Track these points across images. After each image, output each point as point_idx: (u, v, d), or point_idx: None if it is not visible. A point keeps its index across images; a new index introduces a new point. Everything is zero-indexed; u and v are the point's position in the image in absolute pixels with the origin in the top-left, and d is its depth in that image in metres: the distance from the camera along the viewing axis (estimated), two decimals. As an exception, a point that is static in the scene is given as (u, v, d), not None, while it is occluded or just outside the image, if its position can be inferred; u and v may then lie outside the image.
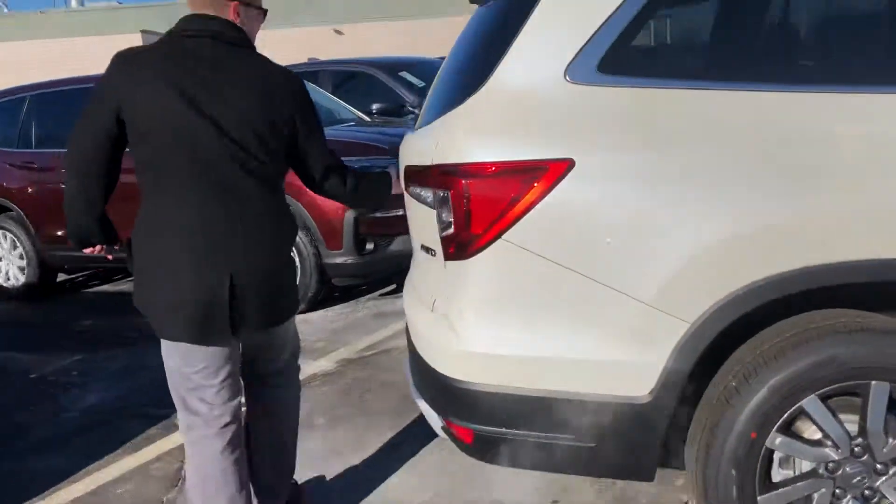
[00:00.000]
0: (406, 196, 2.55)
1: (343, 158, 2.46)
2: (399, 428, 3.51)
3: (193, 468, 2.30)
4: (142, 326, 5.24)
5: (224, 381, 2.26)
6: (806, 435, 2.01)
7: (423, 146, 2.29)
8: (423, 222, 2.34)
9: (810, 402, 1.97)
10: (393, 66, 8.03)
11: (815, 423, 1.99)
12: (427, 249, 2.33)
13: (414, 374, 2.52)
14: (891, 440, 1.98)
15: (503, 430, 2.13)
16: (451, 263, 2.16)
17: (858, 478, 2.00)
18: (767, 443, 1.99)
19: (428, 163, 2.18)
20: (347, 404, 3.83)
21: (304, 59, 9.73)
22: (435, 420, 2.36)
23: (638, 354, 1.99)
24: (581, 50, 2.02)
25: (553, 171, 1.98)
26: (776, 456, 2.05)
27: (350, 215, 5.14)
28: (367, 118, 7.07)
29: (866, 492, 2.01)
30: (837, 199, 1.89)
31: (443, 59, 2.89)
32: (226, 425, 2.27)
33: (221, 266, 2.13)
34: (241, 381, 2.39)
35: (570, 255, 2.00)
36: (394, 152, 5.47)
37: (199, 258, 2.12)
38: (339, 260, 5.26)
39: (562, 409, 2.06)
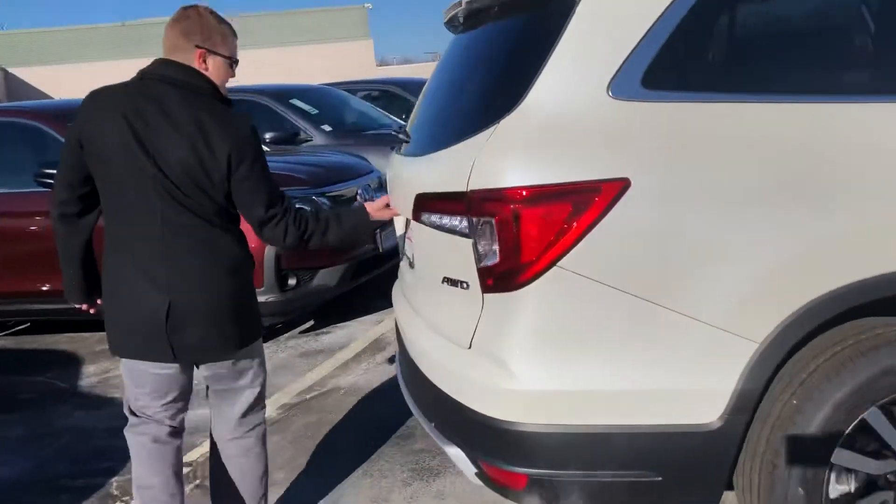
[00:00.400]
0: (415, 226, 2.37)
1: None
2: (372, 471, 3.28)
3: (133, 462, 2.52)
4: (40, 385, 4.68)
5: (168, 405, 2.44)
6: (868, 447, 1.99)
7: (445, 171, 2.12)
8: (447, 253, 2.17)
9: (872, 414, 1.95)
10: (283, 94, 7.74)
11: (877, 434, 1.97)
12: (453, 282, 2.16)
13: (432, 418, 2.33)
14: None
15: (563, 471, 1.98)
16: (493, 296, 2.00)
17: None
18: (833, 459, 1.95)
19: (460, 188, 2.01)
20: (305, 452, 3.54)
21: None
22: (467, 465, 2.18)
23: (707, 379, 1.90)
24: (623, 64, 1.93)
25: (607, 192, 1.87)
26: (833, 472, 2.01)
27: (271, 251, 4.83)
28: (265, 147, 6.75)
29: None
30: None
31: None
32: (164, 434, 2.46)
33: (160, 292, 2.23)
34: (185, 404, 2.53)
35: (630, 281, 1.89)
36: (314, 182, 5.31)
37: (141, 282, 2.25)
38: (260, 298, 4.91)
39: (627, 444, 1.94)
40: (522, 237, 1.90)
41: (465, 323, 2.11)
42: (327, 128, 7.42)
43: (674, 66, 1.95)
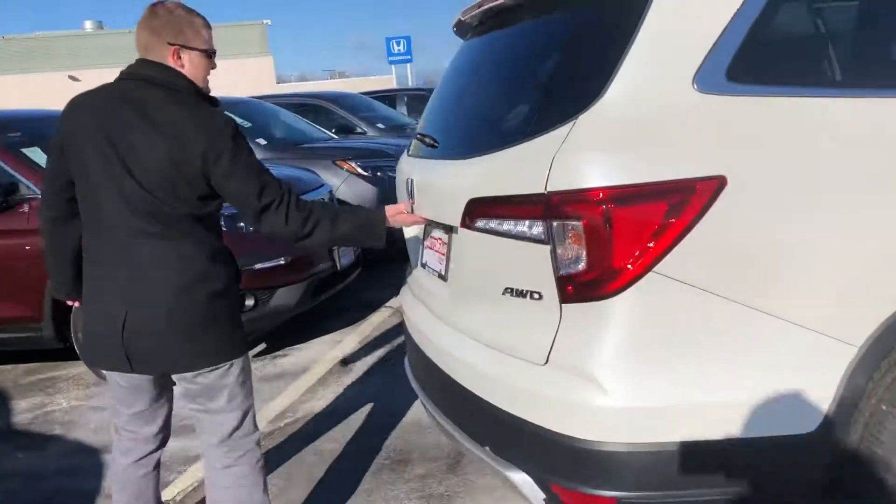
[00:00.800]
0: (460, 234, 2.19)
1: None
2: (377, 502, 3.06)
3: None
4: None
5: (134, 414, 2.42)
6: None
7: (509, 173, 1.96)
8: (510, 261, 2.00)
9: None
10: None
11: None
12: (519, 293, 1.99)
13: (485, 442, 2.15)
14: None
15: (654, 492, 1.84)
16: (575, 307, 1.85)
17: None
18: None
19: (536, 190, 1.85)
20: (297, 485, 3.27)
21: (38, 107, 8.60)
22: (534, 491, 2.01)
23: (806, 387, 1.81)
24: (707, 57, 1.83)
25: (703, 191, 1.76)
26: None
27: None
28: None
29: None
30: None
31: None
32: (136, 454, 2.47)
33: (120, 301, 2.17)
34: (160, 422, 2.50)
35: (728, 285, 1.78)
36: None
37: (106, 291, 2.21)
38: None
39: (723, 459, 1.82)
40: (615, 241, 1.76)
41: (536, 337, 1.95)
42: (262, 141, 7.11)
43: (759, 58, 1.86)
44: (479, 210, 2.07)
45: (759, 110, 1.82)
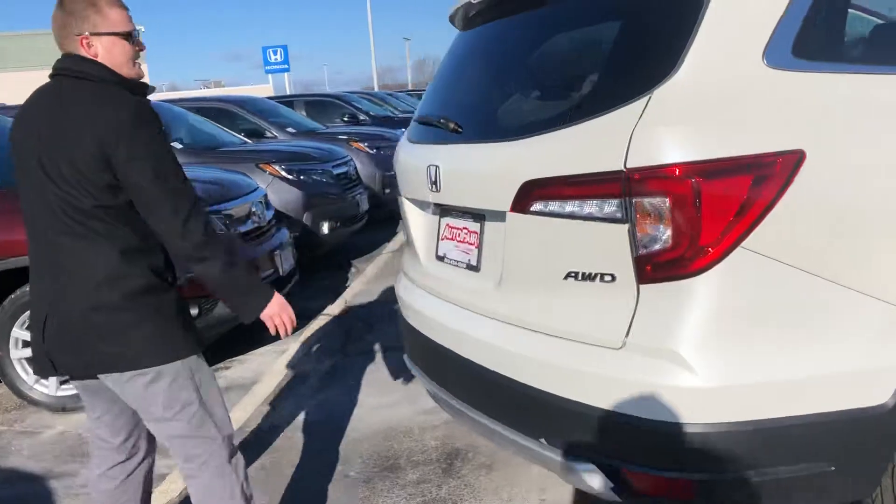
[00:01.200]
0: (509, 221, 2.10)
1: None
2: (379, 514, 2.90)
3: None
4: None
5: (97, 419, 2.33)
6: None
7: (577, 151, 1.90)
8: (575, 244, 1.93)
9: None
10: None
11: None
12: (586, 276, 1.92)
13: (539, 434, 2.07)
14: None
15: (737, 472, 1.81)
16: (655, 287, 1.81)
17: None
18: None
19: (614, 167, 1.80)
20: (289, 501, 3.07)
21: None
22: (601, 481, 1.95)
23: (883, 358, 1.82)
24: (774, 33, 1.84)
25: (784, 165, 1.76)
26: None
27: (169, 276, 4.23)
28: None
29: None
30: None
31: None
32: (99, 458, 2.35)
33: (44, 301, 2.11)
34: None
35: (810, 259, 1.78)
36: (209, 199, 4.71)
37: (35, 294, 2.15)
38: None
39: (805, 435, 1.81)
40: (704, 216, 1.73)
41: (609, 320, 1.88)
42: (177, 145, 6.73)
43: (820, 37, 1.88)
44: (538, 192, 1.98)
45: (825, 86, 1.83)
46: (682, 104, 1.79)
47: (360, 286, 6.47)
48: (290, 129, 9.00)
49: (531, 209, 2.01)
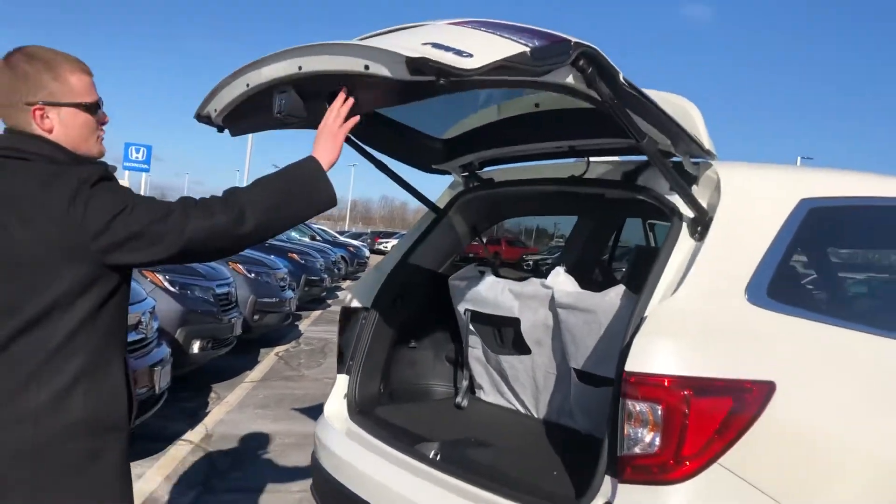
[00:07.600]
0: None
1: None
2: None
3: None
4: None
5: None
6: None
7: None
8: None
9: None
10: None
11: None
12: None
13: None
14: None
15: None
16: (631, 488, 1.88)
17: None
18: None
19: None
20: None
21: None
22: None
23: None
24: (753, 274, 2.07)
25: (758, 393, 1.93)
26: None
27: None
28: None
29: None
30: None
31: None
32: None
33: None
34: None
35: (774, 485, 1.92)
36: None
37: None
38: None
39: None
40: (690, 428, 1.85)
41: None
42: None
43: (789, 285, 2.14)
44: None
45: (797, 328, 2.06)
46: (677, 322, 1.96)
47: (222, 414, 6.16)
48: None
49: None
